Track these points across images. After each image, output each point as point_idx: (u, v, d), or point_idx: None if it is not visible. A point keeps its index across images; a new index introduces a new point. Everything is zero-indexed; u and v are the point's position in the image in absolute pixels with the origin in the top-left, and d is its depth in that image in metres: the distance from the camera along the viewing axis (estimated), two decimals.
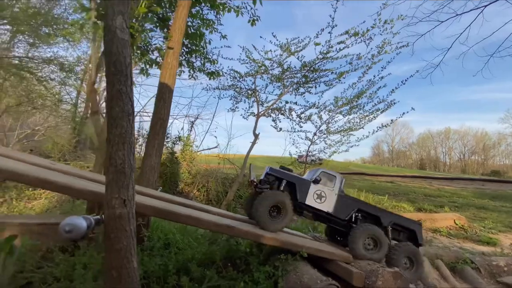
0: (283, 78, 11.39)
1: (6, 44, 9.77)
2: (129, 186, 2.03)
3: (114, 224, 1.95)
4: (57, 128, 14.18)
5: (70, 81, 10.64)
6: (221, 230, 3.04)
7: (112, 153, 2.01)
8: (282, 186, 4.04)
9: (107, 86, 2.12)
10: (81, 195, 2.63)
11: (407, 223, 4.25)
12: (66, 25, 8.64)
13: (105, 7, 2.22)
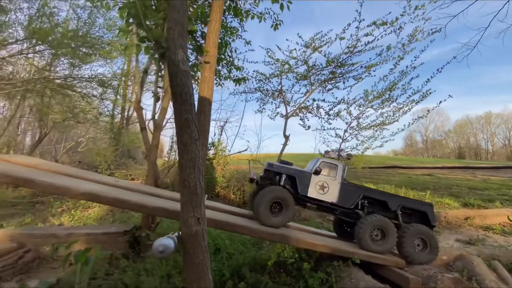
0: (309, 76, 11.29)
1: (50, 66, 10.74)
2: (201, 205, 2.22)
3: (192, 241, 2.14)
4: (97, 138, 15.33)
5: (107, 95, 11.42)
6: (275, 239, 3.17)
7: (185, 176, 2.20)
8: (282, 181, 4.00)
9: (175, 116, 2.32)
10: (154, 212, 2.89)
11: (417, 205, 4.10)
12: (103, 44, 9.26)
13: (166, 42, 2.40)
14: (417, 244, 3.79)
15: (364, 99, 11.37)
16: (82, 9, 9.50)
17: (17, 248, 4.37)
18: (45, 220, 6.68)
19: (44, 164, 3.53)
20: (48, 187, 2.54)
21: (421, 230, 3.76)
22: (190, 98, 2.32)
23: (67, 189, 2.60)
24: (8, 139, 11.43)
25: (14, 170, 2.62)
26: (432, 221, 4.01)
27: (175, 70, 2.31)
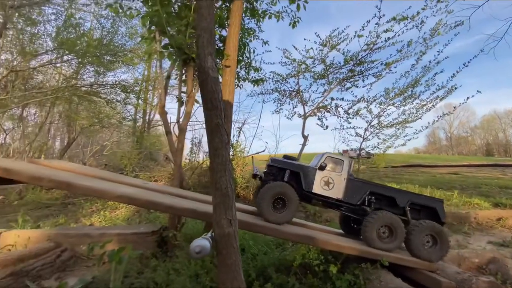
0: (327, 75, 11.15)
1: (77, 74, 11.33)
2: (232, 207, 2.28)
3: (224, 242, 2.21)
4: (120, 142, 15.95)
5: (130, 100, 11.88)
6: (301, 240, 3.18)
7: (217, 179, 2.27)
8: (286, 177, 3.93)
9: (206, 121, 2.39)
10: (183, 213, 3.00)
11: (426, 201, 3.95)
12: (125, 52, 9.65)
13: (196, 49, 2.48)
14: (427, 241, 3.67)
15: (385, 97, 11.08)
16: (105, 18, 9.94)
17: (54, 247, 4.66)
18: (77, 221, 7.06)
19: (79, 168, 3.76)
20: (87, 190, 2.71)
21: (430, 227, 3.63)
22: (219, 103, 2.39)
23: (104, 192, 2.76)
24: (40, 144, 12.19)
25: (57, 175, 2.82)
26: (442, 217, 3.88)
27: (205, 77, 2.39)
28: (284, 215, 3.57)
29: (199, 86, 2.46)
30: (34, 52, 8.81)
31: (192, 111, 5.24)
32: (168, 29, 5.40)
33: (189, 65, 5.08)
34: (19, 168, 2.68)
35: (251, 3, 7.80)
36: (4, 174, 2.57)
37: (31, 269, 4.00)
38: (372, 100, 11.22)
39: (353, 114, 11.70)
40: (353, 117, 11.75)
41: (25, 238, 4.83)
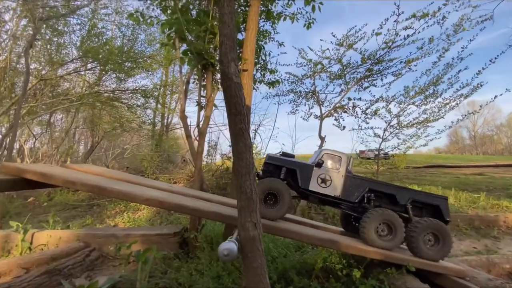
0: (343, 75, 10.98)
1: (99, 81, 11.85)
2: (257, 211, 2.31)
3: (250, 245, 2.24)
4: (140, 145, 16.46)
5: (149, 105, 12.26)
6: (324, 244, 3.16)
7: (241, 183, 2.31)
8: (282, 174, 3.88)
9: (230, 125, 2.44)
10: (208, 216, 3.08)
11: (428, 199, 3.79)
12: (145, 58, 9.98)
13: (220, 55, 2.54)
14: (428, 239, 3.53)
15: (405, 96, 10.76)
16: (126, 27, 10.34)
17: (83, 247, 4.90)
18: (102, 221, 7.36)
19: (107, 172, 3.93)
20: (118, 193, 2.83)
21: (432, 225, 3.49)
22: (243, 108, 2.44)
23: (133, 195, 2.88)
24: (66, 148, 12.83)
25: (89, 179, 2.97)
26: (446, 215, 3.71)
27: (229, 82, 2.44)
28: (276, 210, 3.54)
29: (223, 92, 2.51)
30: (61, 61, 9.31)
31: (211, 115, 5.34)
32: (187, 35, 5.56)
33: (208, 70, 5.19)
34: (54, 172, 2.85)
35: (266, 6, 7.86)
36: (41, 179, 2.74)
37: (63, 267, 4.22)
38: (391, 100, 10.93)
39: (371, 114, 11.43)
40: (371, 117, 11.49)
41: (56, 238, 5.11)
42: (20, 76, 9.47)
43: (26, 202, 9.20)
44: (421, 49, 9.80)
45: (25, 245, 4.96)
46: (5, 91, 8.85)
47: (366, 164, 11.99)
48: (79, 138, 15.64)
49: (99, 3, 9.53)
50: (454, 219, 7.23)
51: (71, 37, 9.44)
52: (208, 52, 5.09)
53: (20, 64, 9.72)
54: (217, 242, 5.03)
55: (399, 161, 11.22)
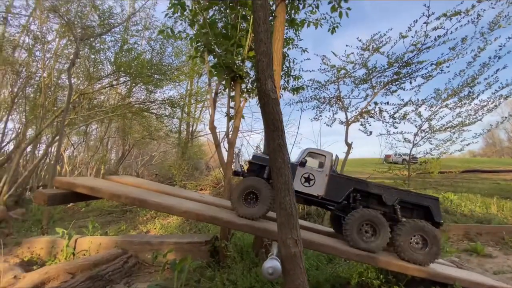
0: (369, 79, 10.70)
1: (130, 92, 12.52)
2: (297, 227, 2.31)
3: (291, 262, 2.24)
4: (166, 152, 17.07)
5: (176, 114, 12.74)
6: (362, 260, 3.07)
7: (281, 199, 2.33)
8: (265, 173, 3.82)
9: (267, 141, 2.49)
10: (241, 228, 3.13)
11: (418, 200, 3.59)
12: (172, 70, 10.40)
13: (257, 72, 2.60)
14: (416, 241, 3.35)
15: (436, 98, 10.26)
16: (154, 41, 10.88)
17: (121, 254, 5.15)
18: (135, 227, 7.69)
19: (145, 183, 4.14)
20: (157, 206, 2.98)
21: (420, 226, 3.31)
22: (281, 124, 2.47)
23: (171, 208, 3.01)
24: (100, 155, 13.64)
25: (131, 191, 3.15)
26: (437, 217, 3.52)
27: (266, 99, 2.49)
28: (256, 209, 3.52)
29: (260, 108, 2.56)
30: (98, 77, 9.98)
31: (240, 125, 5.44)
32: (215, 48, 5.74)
33: (237, 82, 5.31)
34: (101, 186, 3.06)
35: (290, 14, 7.91)
36: (90, 192, 2.95)
37: (104, 273, 4.47)
38: (421, 103, 10.47)
39: (400, 118, 11.01)
40: (399, 121, 11.06)
41: (97, 244, 5.42)
42: (61, 91, 10.30)
43: (66, 207, 9.87)
44: (453, 50, 9.33)
45: (69, 250, 5.31)
46: (49, 105, 9.65)
47: (395, 169, 11.49)
48: (111, 147, 16.62)
49: (130, 21, 10.15)
50: (499, 231, 6.70)
51: (106, 54, 10.11)
52: (237, 65, 5.21)
53: (61, 79, 10.57)
54: (247, 252, 5.07)
55: (433, 167, 10.61)
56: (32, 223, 7.69)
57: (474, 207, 9.16)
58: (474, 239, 6.70)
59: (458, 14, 8.65)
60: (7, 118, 11.00)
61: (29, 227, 7.39)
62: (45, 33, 9.62)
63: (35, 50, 9.99)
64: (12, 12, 10.94)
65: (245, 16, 5.48)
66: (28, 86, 10.36)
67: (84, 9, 9.26)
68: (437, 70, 9.91)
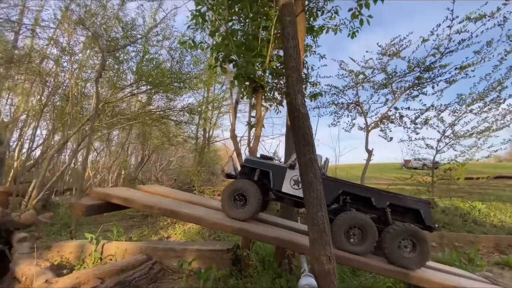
0: (389, 84, 10.49)
1: (150, 100, 12.91)
2: (330, 243, 2.30)
3: (325, 279, 2.23)
4: (184, 158, 17.39)
5: (194, 120, 13.01)
6: (394, 275, 3.00)
7: (313, 214, 2.33)
8: (256, 176, 3.91)
9: (298, 156, 2.50)
10: (269, 241, 3.17)
11: (408, 203, 3.53)
12: (191, 78, 10.66)
13: (286, 87, 2.63)
14: (404, 245, 3.28)
15: (460, 103, 9.91)
16: (174, 50, 11.20)
17: (146, 260, 5.28)
18: (157, 232, 7.86)
19: (172, 192, 4.26)
20: (187, 217, 3.06)
21: (407, 230, 3.26)
22: (311, 138, 2.48)
23: (201, 219, 3.09)
24: (121, 160, 14.12)
25: (162, 202, 3.26)
26: (428, 221, 3.45)
27: (296, 114, 2.51)
28: (245, 211, 3.60)
29: (289, 122, 2.58)
30: (121, 86, 10.39)
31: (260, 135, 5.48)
32: (233, 57, 5.83)
33: (258, 92, 5.37)
34: (135, 197, 3.18)
35: (309, 21, 7.91)
36: (124, 203, 3.07)
37: (131, 279, 4.59)
38: (443, 108, 10.14)
39: (421, 124, 10.70)
40: (421, 127, 10.75)
41: (123, 250, 5.59)
42: (87, 100, 10.80)
43: None
44: (478, 53, 9.00)
45: (96, 255, 5.50)
46: (75, 113, 10.13)
47: (416, 174, 11.12)
48: (131, 152, 17.18)
49: (151, 32, 10.53)
50: None
51: (128, 64, 10.52)
52: (258, 75, 5.27)
53: (86, 89, 11.09)
54: (269, 261, 5.06)
55: (458, 173, 10.19)
56: (60, 226, 8.04)
57: (504, 217, 8.70)
58: (505, 252, 6.36)
59: (483, 17, 8.37)
60: (37, 125, 11.64)
61: (58, 231, 7.73)
62: (72, 45, 10.15)
63: (62, 61, 10.56)
64: (40, 25, 11.64)
65: (267, 27, 5.55)
66: (55, 95, 10.92)
67: (109, 22, 9.70)
68: (461, 74, 9.60)
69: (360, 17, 6.51)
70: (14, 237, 6.84)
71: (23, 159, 13.02)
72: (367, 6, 6.22)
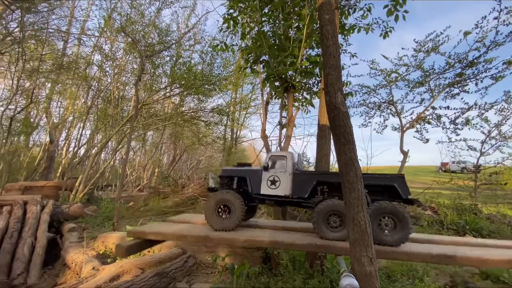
0: (427, 82, 9.90)
1: (183, 102, 13.48)
2: (372, 245, 2.26)
3: (366, 281, 2.20)
4: (212, 157, 17.86)
5: (223, 121, 13.35)
6: (440, 261, 2.84)
7: (354, 215, 2.31)
8: (234, 184, 4.01)
9: (338, 155, 2.49)
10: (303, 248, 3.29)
11: (382, 181, 3.52)
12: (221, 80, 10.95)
13: (326, 86, 2.63)
14: (385, 224, 3.24)
15: (507, 101, 9.10)
16: (205, 53, 11.60)
17: (182, 253, 5.54)
18: None
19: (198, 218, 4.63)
20: (220, 240, 3.41)
21: (383, 208, 3.22)
22: (352, 137, 2.46)
23: (233, 240, 3.39)
24: (155, 159, 14.91)
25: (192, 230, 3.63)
26: (404, 194, 3.38)
27: (336, 112, 2.51)
28: (230, 220, 3.69)
29: (329, 121, 2.58)
30: (157, 89, 11.00)
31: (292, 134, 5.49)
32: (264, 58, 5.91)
33: (290, 92, 5.39)
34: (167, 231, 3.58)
35: (340, 20, 7.75)
36: (159, 237, 3.43)
37: (169, 271, 4.85)
38: (488, 107, 9.36)
39: (462, 124, 9.95)
40: (461, 127, 10.01)
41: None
42: (126, 102, 11.59)
43: (128, 206, 10.94)
44: None
45: None
46: (116, 115, 10.92)
47: (456, 178, 10.35)
48: (164, 151, 18.06)
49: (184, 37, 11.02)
50: None
51: (163, 68, 11.11)
52: (290, 75, 5.30)
53: (126, 92, 11.89)
54: (299, 261, 5.05)
55: (505, 178, 9.33)
56: (102, 219, 8.69)
57: None
58: None
59: None
60: (83, 126, 12.72)
61: (101, 223, 8.37)
62: (114, 52, 10.95)
63: (105, 66, 11.43)
64: (86, 34, 12.71)
65: (298, 27, 5.55)
66: (99, 98, 11.86)
67: (146, 29, 10.32)
68: (510, 69, 8.80)
69: (396, 13, 6.28)
70: (64, 227, 7.53)
71: (69, 156, 14.29)
72: (404, 1, 5.98)
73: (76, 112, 13.89)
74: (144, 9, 10.31)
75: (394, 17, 6.41)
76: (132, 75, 11.53)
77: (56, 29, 10.93)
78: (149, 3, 10.76)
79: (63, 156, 14.19)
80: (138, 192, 13.85)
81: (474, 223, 7.32)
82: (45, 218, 7.29)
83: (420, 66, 9.95)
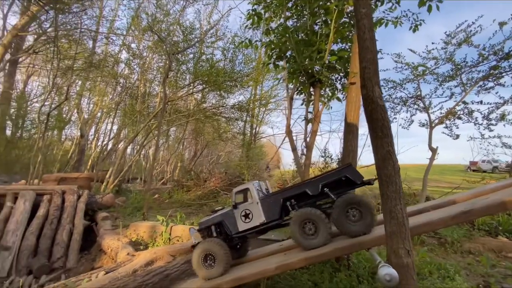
0: (458, 75, 9.44)
1: (205, 98, 13.77)
2: (409, 238, 2.28)
3: (404, 273, 2.22)
4: (232, 152, 18.14)
5: (243, 117, 13.51)
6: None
7: (391, 207, 2.33)
8: (213, 232, 4.04)
9: (375, 148, 2.51)
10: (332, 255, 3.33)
11: (335, 176, 3.62)
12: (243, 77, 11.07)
13: (362, 80, 2.64)
14: (353, 215, 3.37)
15: None
16: (227, 50, 11.75)
17: None
18: None
19: None
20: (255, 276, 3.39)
21: (346, 200, 3.38)
22: (389, 131, 2.47)
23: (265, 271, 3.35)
24: (177, 154, 15.40)
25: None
26: (357, 179, 3.51)
27: (374, 106, 2.52)
28: (215, 269, 3.70)
29: (365, 115, 2.60)
30: (181, 85, 11.34)
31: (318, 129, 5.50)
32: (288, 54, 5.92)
33: (316, 87, 5.39)
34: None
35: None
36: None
37: None
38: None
39: (497, 120, 9.42)
40: (496, 123, 9.47)
41: (187, 232, 6.17)
42: (152, 99, 12.05)
43: (153, 198, 11.44)
44: None
45: (166, 235, 6.19)
46: (143, 111, 11.40)
47: (488, 177, 9.86)
48: (186, 146, 18.62)
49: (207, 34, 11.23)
50: None
51: (187, 65, 11.41)
52: (317, 70, 5.29)
53: (151, 88, 12.35)
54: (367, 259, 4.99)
55: None
56: (132, 209, 9.18)
57: None
58: None
59: None
60: (113, 121, 13.38)
61: (131, 212, 8.84)
62: (141, 50, 11.39)
63: (133, 64, 11.92)
64: (115, 33, 13.27)
65: (326, 21, 5.51)
66: (126, 94, 12.41)
67: (172, 27, 10.63)
68: None
69: (428, 3, 6.05)
70: (97, 216, 8.05)
71: (98, 150, 15.11)
72: None
73: (105, 108, 14.62)
74: (169, 8, 10.61)
75: (426, 7, 6.21)
76: (158, 72, 11.94)
77: (87, 28, 11.51)
78: (174, 2, 11.05)
79: (92, 150, 15.02)
80: (162, 185, 14.41)
81: (508, 224, 6.98)
82: (81, 206, 7.82)
83: (451, 59, 9.50)
